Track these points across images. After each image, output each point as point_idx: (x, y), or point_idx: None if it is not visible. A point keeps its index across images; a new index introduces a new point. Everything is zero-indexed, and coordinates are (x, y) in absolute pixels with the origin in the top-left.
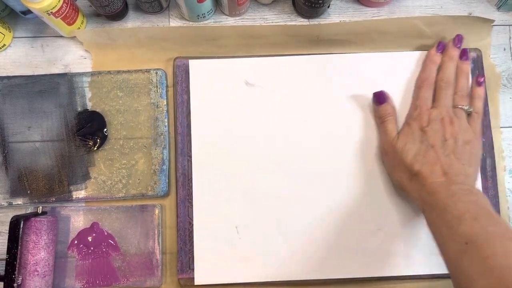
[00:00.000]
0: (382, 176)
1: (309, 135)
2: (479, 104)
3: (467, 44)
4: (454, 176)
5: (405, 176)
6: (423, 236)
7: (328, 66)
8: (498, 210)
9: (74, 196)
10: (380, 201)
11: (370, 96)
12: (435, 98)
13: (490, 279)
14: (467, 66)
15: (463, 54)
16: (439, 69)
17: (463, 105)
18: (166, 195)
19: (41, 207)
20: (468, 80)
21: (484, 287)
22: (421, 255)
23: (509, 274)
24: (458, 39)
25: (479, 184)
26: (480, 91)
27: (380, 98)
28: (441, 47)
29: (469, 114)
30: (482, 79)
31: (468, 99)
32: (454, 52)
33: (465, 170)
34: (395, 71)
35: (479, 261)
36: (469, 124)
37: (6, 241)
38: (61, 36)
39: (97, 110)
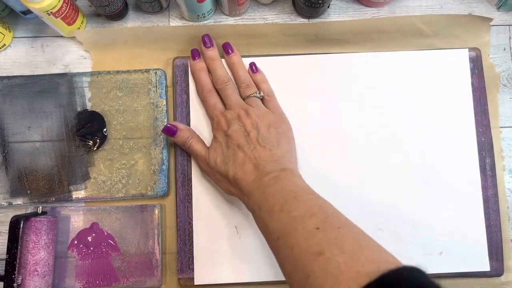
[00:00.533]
0: (381, 176)
1: (309, 135)
2: (265, 87)
3: (466, 43)
4: (263, 167)
5: (229, 186)
6: (423, 236)
7: (327, 66)
8: (498, 210)
9: (74, 196)
10: (380, 201)
11: (369, 95)
12: (223, 101)
13: (298, 271)
14: (236, 57)
15: (227, 48)
16: (210, 73)
17: (251, 94)
18: (165, 195)
19: (41, 207)
20: (244, 69)
21: (297, 281)
22: (421, 255)
23: (307, 260)
24: (205, 40)
25: (478, 184)
26: (259, 76)
27: (169, 131)
28: (195, 53)
29: (262, 99)
30: (253, 65)
31: (255, 87)
32: (211, 52)
33: (273, 154)
34: (394, 71)
35: (289, 255)
36: (267, 107)
37: (6, 241)
38: (61, 36)
39: (97, 110)
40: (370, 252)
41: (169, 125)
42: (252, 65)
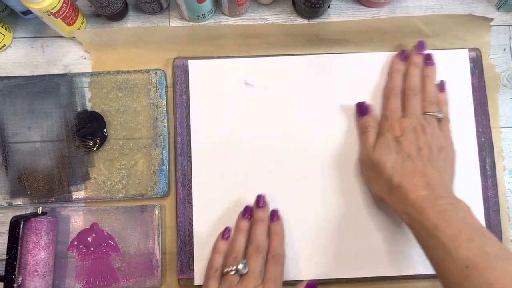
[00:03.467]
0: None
1: (309, 135)
2: (446, 109)
3: (466, 43)
4: (437, 188)
5: (385, 189)
6: None
7: (327, 66)
8: (498, 210)
9: (74, 197)
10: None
11: (369, 95)
12: (404, 107)
13: None
14: (432, 71)
15: (428, 58)
16: (405, 77)
17: (432, 112)
18: (165, 195)
19: (41, 207)
20: (435, 85)
21: None
22: (421, 255)
23: None
24: (420, 44)
25: (478, 184)
26: (444, 96)
27: (362, 109)
28: (404, 55)
29: (439, 120)
30: (443, 84)
31: (438, 106)
32: (418, 59)
33: (443, 178)
34: None
35: (485, 287)
36: (440, 129)
37: (6, 241)
38: (61, 37)
39: (97, 111)
40: None
41: (365, 105)
42: (443, 83)
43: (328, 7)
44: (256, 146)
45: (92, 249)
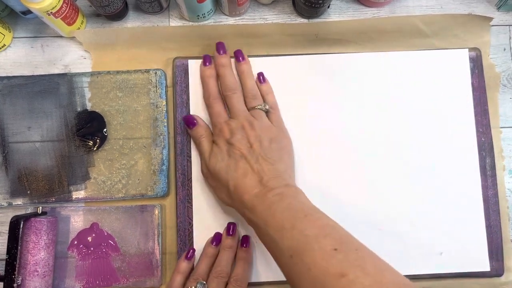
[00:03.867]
0: (381, 176)
1: (309, 135)
2: (271, 99)
3: (466, 43)
4: (267, 182)
5: (226, 195)
6: (423, 236)
7: (327, 66)
8: (498, 210)
9: (74, 197)
10: (380, 201)
11: (369, 95)
12: (229, 109)
13: None
14: (246, 66)
15: (238, 55)
16: (219, 80)
17: (257, 105)
18: (165, 195)
19: (41, 207)
20: (253, 79)
21: None
22: (421, 255)
23: (328, 281)
24: (219, 47)
25: (478, 184)
26: (265, 87)
27: (188, 122)
28: (208, 60)
29: (267, 112)
30: (261, 75)
31: (261, 99)
32: (223, 60)
33: (276, 169)
34: (394, 71)
35: (306, 274)
36: (270, 120)
37: (6, 241)
38: (61, 36)
39: (97, 110)
40: (391, 275)
41: (190, 117)
42: (260, 75)
43: (328, 7)
44: None
45: (92, 249)
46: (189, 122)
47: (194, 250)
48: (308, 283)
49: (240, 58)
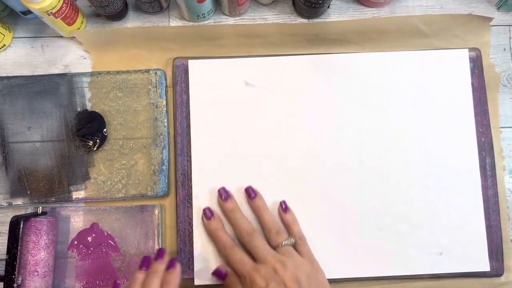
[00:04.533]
0: (381, 176)
1: (309, 135)
2: (297, 230)
3: (466, 43)
4: None
5: None
6: (423, 236)
7: (327, 66)
8: (498, 210)
9: (74, 197)
10: (380, 201)
11: (369, 95)
12: (251, 253)
13: None
14: (260, 201)
15: (250, 192)
16: (232, 224)
17: (283, 242)
18: (165, 195)
19: (41, 207)
20: (270, 213)
21: None
22: (421, 255)
23: None
24: (221, 192)
25: (478, 184)
26: (290, 216)
27: (220, 275)
28: (209, 212)
29: (294, 245)
30: (283, 204)
31: (285, 232)
32: (230, 205)
33: None
34: (394, 71)
35: None
36: (299, 253)
37: (6, 241)
38: (61, 37)
39: (97, 111)
40: None
41: (220, 270)
42: (283, 203)
43: (328, 7)
44: (255, 146)
45: (92, 249)
46: (220, 275)
47: (120, 283)
48: None
49: (252, 194)
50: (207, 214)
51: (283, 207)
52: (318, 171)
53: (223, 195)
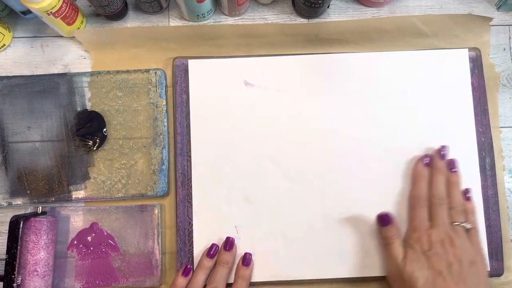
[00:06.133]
0: (381, 176)
1: (309, 135)
2: (473, 219)
3: (465, 43)
4: None
5: None
6: None
7: (327, 66)
8: (498, 210)
9: (73, 196)
10: (380, 201)
11: (369, 95)
12: (431, 217)
13: None
14: (458, 178)
15: (451, 165)
16: (430, 184)
17: (460, 222)
18: (165, 195)
19: (40, 207)
20: (461, 192)
21: None
22: None
23: None
24: (443, 149)
25: (478, 184)
26: (471, 206)
27: (384, 221)
28: (428, 160)
29: (467, 230)
30: (469, 192)
31: (466, 215)
32: (441, 164)
33: None
34: (394, 71)
35: None
36: (469, 240)
37: (5, 241)
38: (61, 36)
39: (97, 110)
40: None
41: (387, 216)
42: (467, 192)
43: (328, 7)
44: (255, 145)
45: (91, 248)
46: (385, 220)
47: (191, 268)
48: None
49: (453, 168)
50: (429, 159)
51: (467, 195)
52: (317, 170)
53: (442, 150)
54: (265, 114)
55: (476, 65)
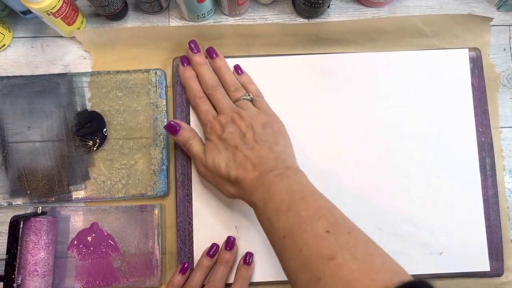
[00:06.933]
0: (381, 176)
1: (308, 135)
2: (253, 88)
3: (466, 43)
4: (264, 165)
5: (230, 187)
6: (423, 236)
7: (327, 65)
8: (498, 210)
9: (73, 196)
10: (380, 201)
11: (369, 95)
12: (215, 107)
13: (307, 272)
14: (221, 61)
15: (211, 53)
16: (199, 79)
17: (241, 96)
18: (165, 195)
19: (40, 207)
20: (230, 72)
21: (304, 282)
22: (421, 255)
23: (317, 263)
24: (191, 45)
25: (478, 184)
26: (244, 77)
27: (172, 129)
28: (186, 61)
29: (252, 101)
30: (238, 68)
31: (243, 89)
32: (198, 58)
33: (273, 151)
34: (394, 71)
35: (296, 255)
36: (257, 107)
37: (5, 241)
38: (61, 36)
39: (97, 110)
40: (382, 261)
41: (172, 123)
42: (237, 67)
43: (328, 7)
44: None
45: (92, 248)
46: (172, 128)
47: (189, 266)
48: (298, 264)
49: (214, 55)
50: (183, 61)
51: (238, 71)
52: (318, 170)
53: (193, 48)
54: None
55: (476, 65)
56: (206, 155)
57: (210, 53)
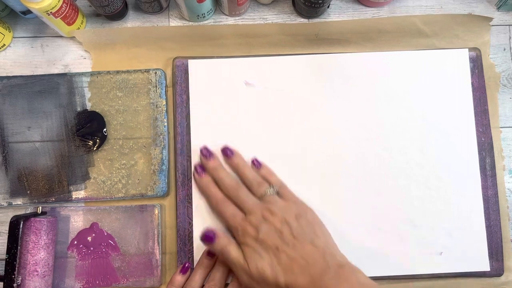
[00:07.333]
0: (381, 176)
1: (309, 135)
2: (275, 179)
3: (466, 43)
4: (313, 266)
5: None
6: (423, 236)
7: (327, 65)
8: (498, 210)
9: (73, 196)
10: (380, 201)
11: (369, 95)
12: (240, 208)
13: None
14: (238, 158)
15: (226, 151)
16: (218, 184)
17: (265, 191)
18: (165, 195)
19: (40, 207)
20: (249, 167)
21: None
22: (421, 255)
23: None
24: (204, 152)
25: (478, 184)
26: (264, 170)
27: (208, 238)
28: (201, 168)
29: (277, 193)
30: (255, 161)
31: (266, 182)
32: (212, 163)
33: (316, 247)
34: (394, 71)
35: None
36: (283, 199)
37: (6, 241)
38: (61, 36)
39: (97, 110)
40: None
41: (207, 234)
42: (254, 160)
43: (328, 6)
44: (255, 145)
45: (92, 248)
46: (209, 238)
47: (189, 266)
48: None
49: (229, 153)
50: (198, 170)
51: (256, 164)
52: (317, 170)
53: (206, 154)
54: (265, 114)
55: (476, 65)
56: (248, 262)
57: (226, 152)
